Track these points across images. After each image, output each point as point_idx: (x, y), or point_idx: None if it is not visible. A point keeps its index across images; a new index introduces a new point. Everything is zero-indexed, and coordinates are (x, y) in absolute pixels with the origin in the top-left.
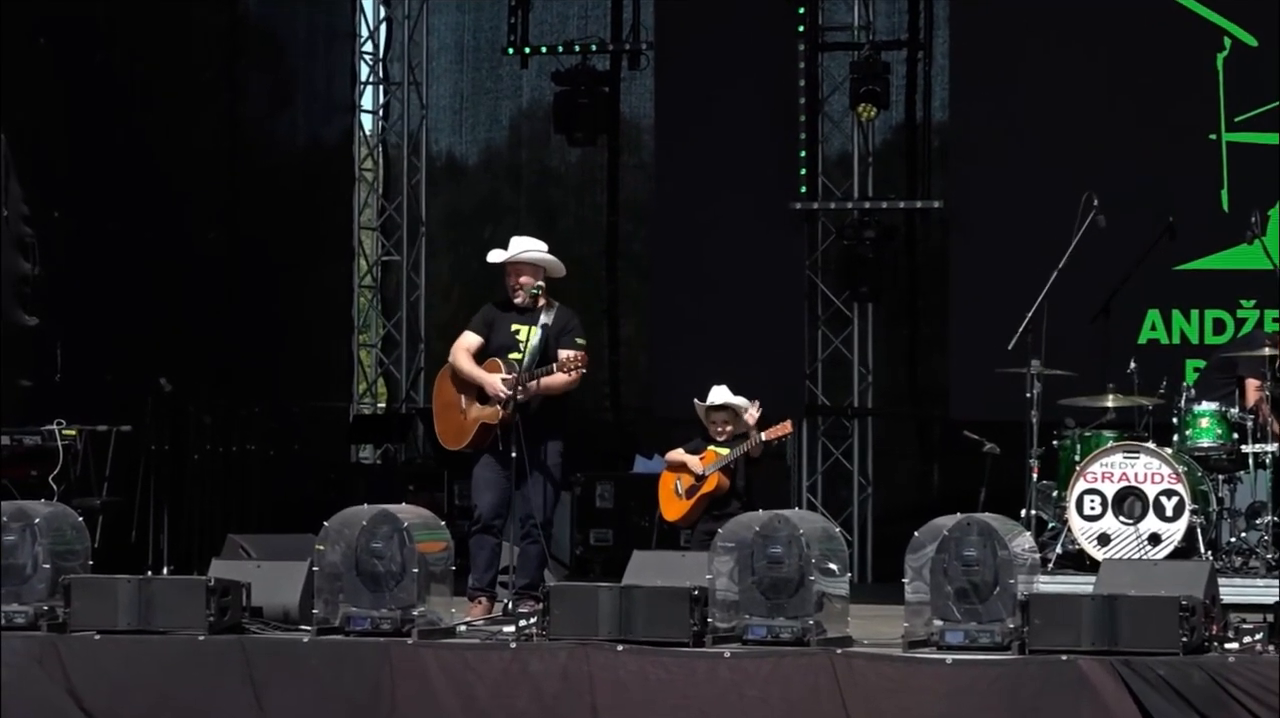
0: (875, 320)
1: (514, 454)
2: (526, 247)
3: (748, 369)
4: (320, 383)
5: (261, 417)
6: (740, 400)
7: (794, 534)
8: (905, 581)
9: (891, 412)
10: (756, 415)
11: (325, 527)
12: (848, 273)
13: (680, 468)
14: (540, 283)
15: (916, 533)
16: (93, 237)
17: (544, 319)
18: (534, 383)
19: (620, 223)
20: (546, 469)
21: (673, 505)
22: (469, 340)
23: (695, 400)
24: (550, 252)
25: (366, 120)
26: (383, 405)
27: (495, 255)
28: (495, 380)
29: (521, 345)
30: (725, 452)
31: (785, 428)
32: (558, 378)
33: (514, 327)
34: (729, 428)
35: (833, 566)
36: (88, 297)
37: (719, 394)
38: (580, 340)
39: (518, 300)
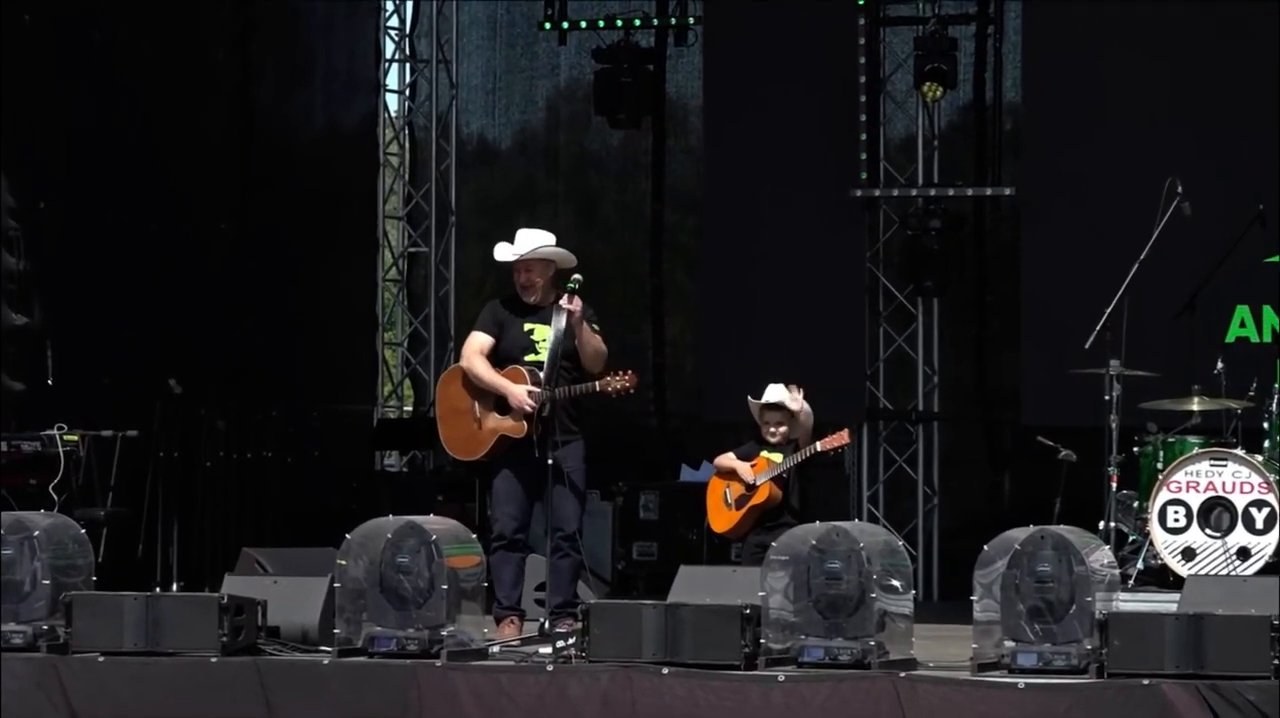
0: (941, 317)
1: (549, 462)
2: (538, 241)
3: (803, 370)
4: (342, 385)
5: (278, 421)
6: (798, 404)
7: (853, 548)
8: (974, 598)
9: (959, 416)
10: (799, 398)
11: (347, 540)
12: (911, 265)
13: (730, 475)
14: (578, 276)
15: (986, 547)
16: (90, 229)
17: (558, 321)
18: (565, 394)
19: (665, 212)
20: (571, 476)
21: (721, 516)
22: (481, 341)
23: (749, 398)
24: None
25: (391, 101)
26: (409, 409)
27: (503, 252)
28: (522, 394)
29: (538, 346)
30: (779, 458)
31: (842, 438)
32: (591, 386)
33: (527, 326)
34: (782, 429)
35: (895, 582)
36: (85, 293)
37: (775, 392)
38: (596, 326)
39: (531, 299)
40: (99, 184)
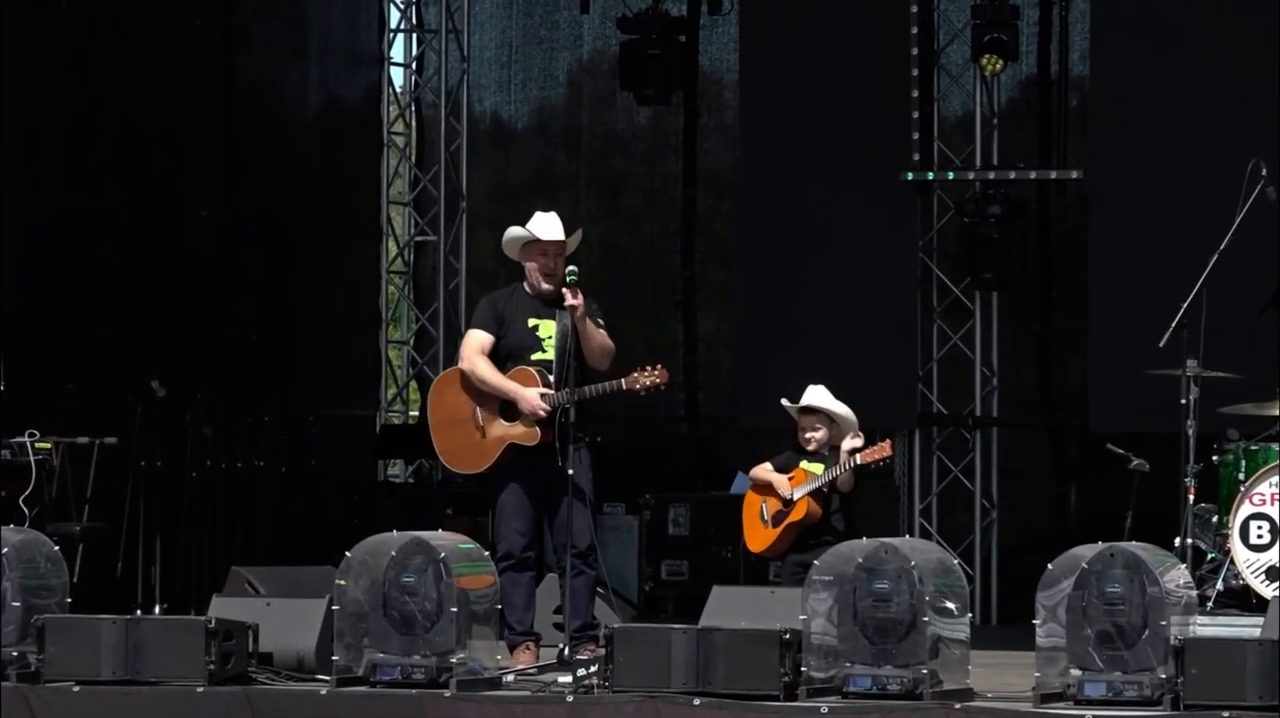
0: (1001, 313)
1: (570, 472)
2: (556, 226)
3: (849, 370)
4: (342, 387)
5: (272, 427)
6: (840, 409)
7: (904, 567)
8: (1036, 622)
9: (1020, 421)
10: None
11: (347, 558)
12: (969, 256)
13: (766, 489)
14: (574, 268)
15: (1050, 566)
16: (56, 217)
17: (564, 316)
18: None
19: (698, 197)
20: (582, 486)
21: (757, 534)
22: (481, 340)
23: (784, 401)
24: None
25: (397, 75)
26: (415, 414)
27: (545, 227)
28: (534, 398)
29: (545, 344)
30: (819, 469)
31: (883, 449)
32: (617, 383)
33: (532, 321)
34: (818, 435)
35: (950, 604)
36: (56, 288)
37: (815, 395)
38: (600, 321)
39: (546, 287)
40: (67, 168)
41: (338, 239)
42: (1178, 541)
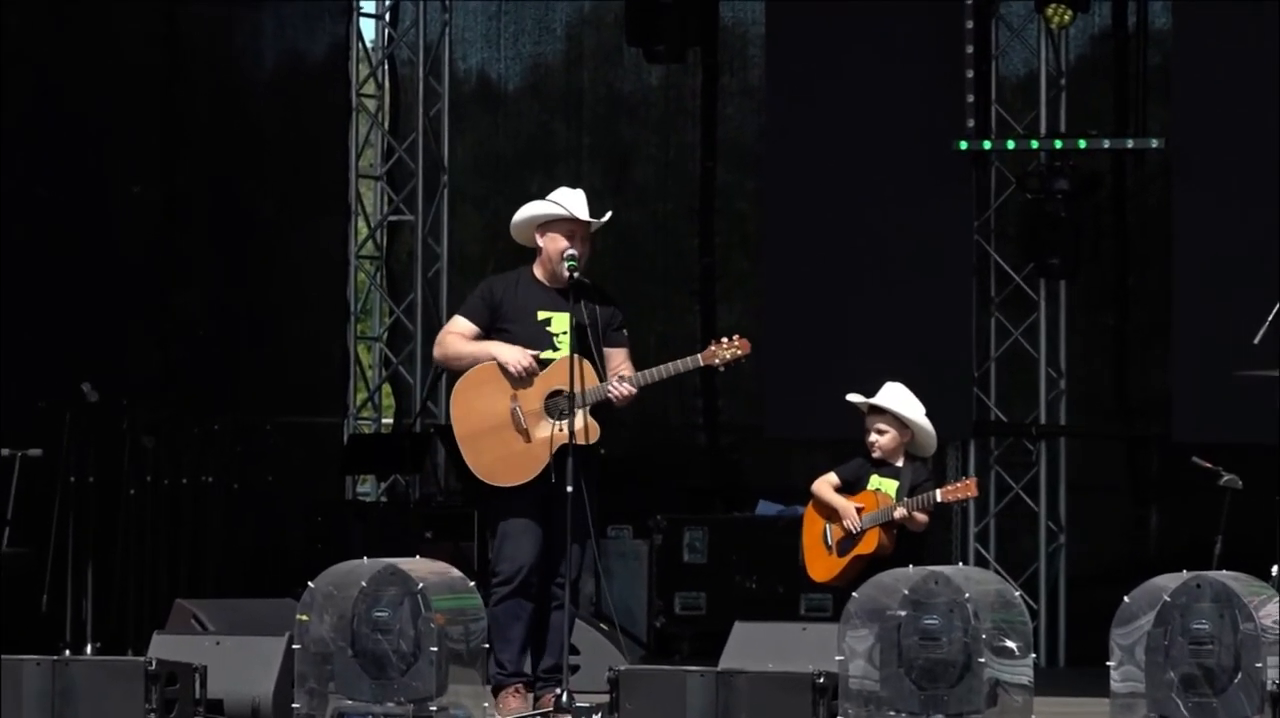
0: (1070, 304)
1: (568, 488)
2: (584, 204)
3: (893, 371)
4: (303, 391)
5: (221, 437)
6: (915, 415)
7: (957, 600)
8: (1111, 664)
9: (1092, 431)
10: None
11: (310, 589)
12: (1032, 238)
13: (829, 513)
14: (574, 251)
15: (1127, 598)
16: None
17: (583, 313)
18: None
19: (718, 171)
20: (591, 505)
21: (820, 560)
22: (462, 328)
23: (850, 397)
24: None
25: (368, 29)
26: (389, 422)
27: (570, 202)
28: (519, 354)
29: (557, 340)
30: (891, 489)
31: (968, 489)
32: (686, 362)
33: (541, 314)
34: (882, 440)
35: (1010, 643)
36: None
37: (889, 394)
38: (625, 332)
39: (565, 271)
40: None
41: (298, 219)
42: (1275, 569)
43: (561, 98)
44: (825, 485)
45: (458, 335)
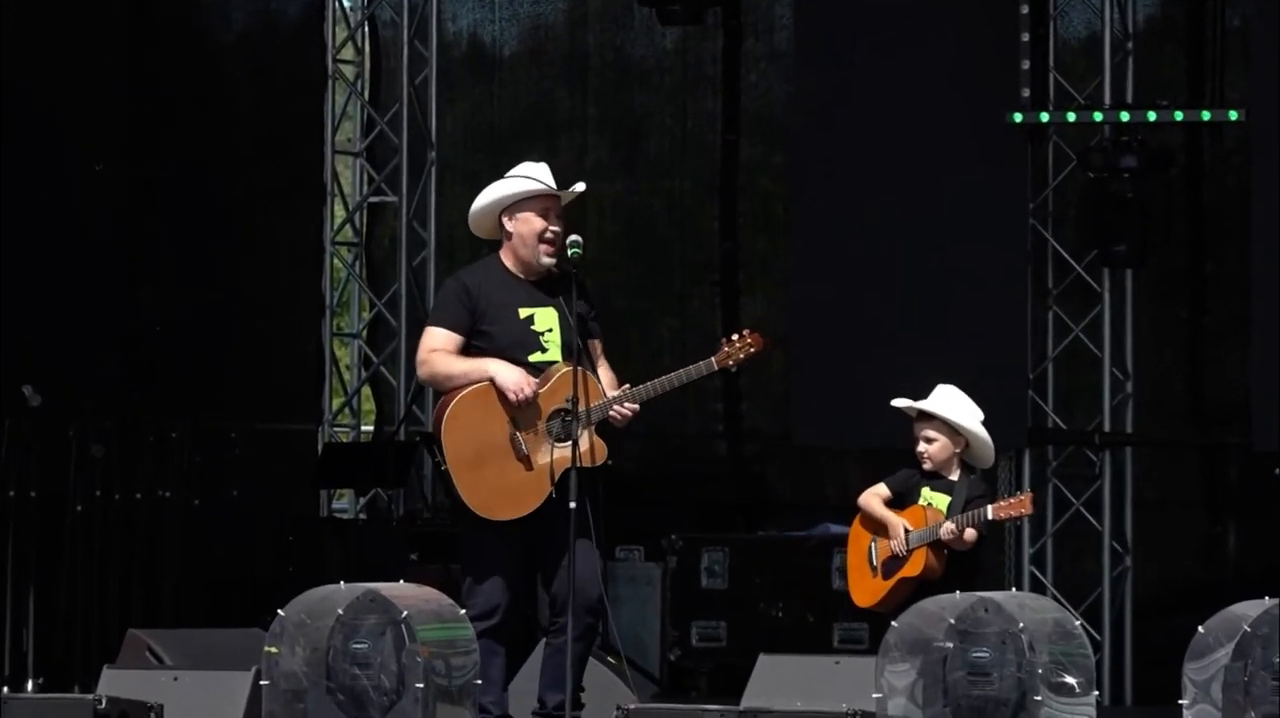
0: (1138, 296)
1: (571, 504)
2: (543, 173)
3: (937, 372)
4: (273, 394)
5: (181, 446)
6: (968, 421)
7: (1010, 630)
8: (1183, 703)
9: (1163, 439)
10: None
11: (280, 617)
12: (1095, 222)
13: (877, 530)
14: (578, 237)
15: (1201, 628)
16: None
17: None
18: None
19: (741, 145)
20: (597, 527)
21: (864, 583)
22: (443, 341)
23: (897, 401)
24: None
25: None
26: (369, 429)
27: (535, 174)
28: (518, 377)
29: (545, 340)
30: (943, 503)
31: (1023, 506)
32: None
33: (523, 310)
34: (931, 449)
35: (1070, 679)
36: None
37: (939, 398)
38: (597, 320)
39: (547, 261)
40: None
41: (268, 201)
42: None
43: (564, 63)
44: (874, 499)
45: (443, 353)
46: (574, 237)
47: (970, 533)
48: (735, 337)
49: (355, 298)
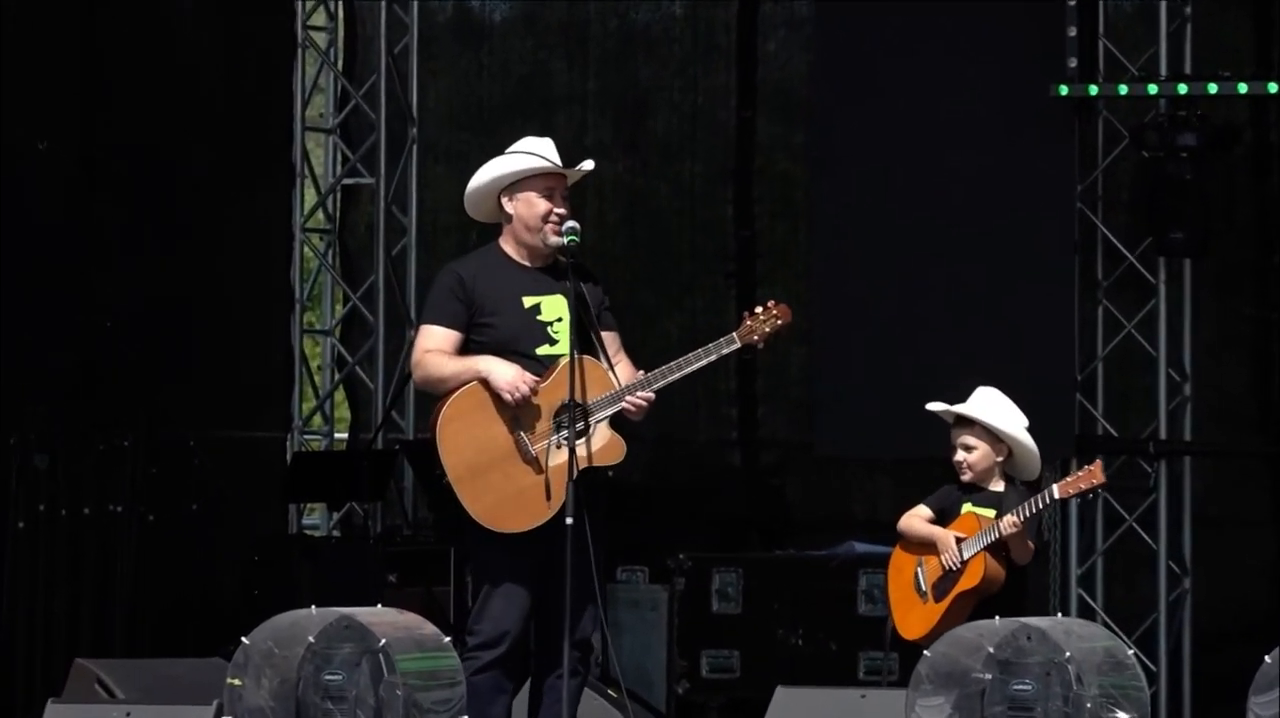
0: (1197, 288)
1: (567, 520)
2: (554, 153)
3: (977, 372)
4: (237, 398)
5: (134, 456)
6: (1011, 427)
7: (1055, 660)
8: None
9: (1226, 448)
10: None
11: (244, 646)
12: (1151, 207)
13: (922, 547)
14: (574, 224)
15: (1268, 658)
16: None
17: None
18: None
19: (758, 121)
20: (599, 548)
21: (913, 612)
22: (439, 339)
23: (933, 405)
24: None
25: None
26: (343, 436)
27: (538, 150)
28: (513, 374)
29: (551, 331)
30: (991, 515)
31: (1092, 475)
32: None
33: (528, 300)
34: (970, 458)
35: (1122, 715)
36: None
37: (979, 401)
38: (611, 311)
39: (554, 240)
40: None
41: (231, 183)
42: None
43: (561, 31)
44: (915, 519)
45: (438, 353)
46: (571, 223)
47: (1021, 543)
48: (759, 309)
49: (328, 290)
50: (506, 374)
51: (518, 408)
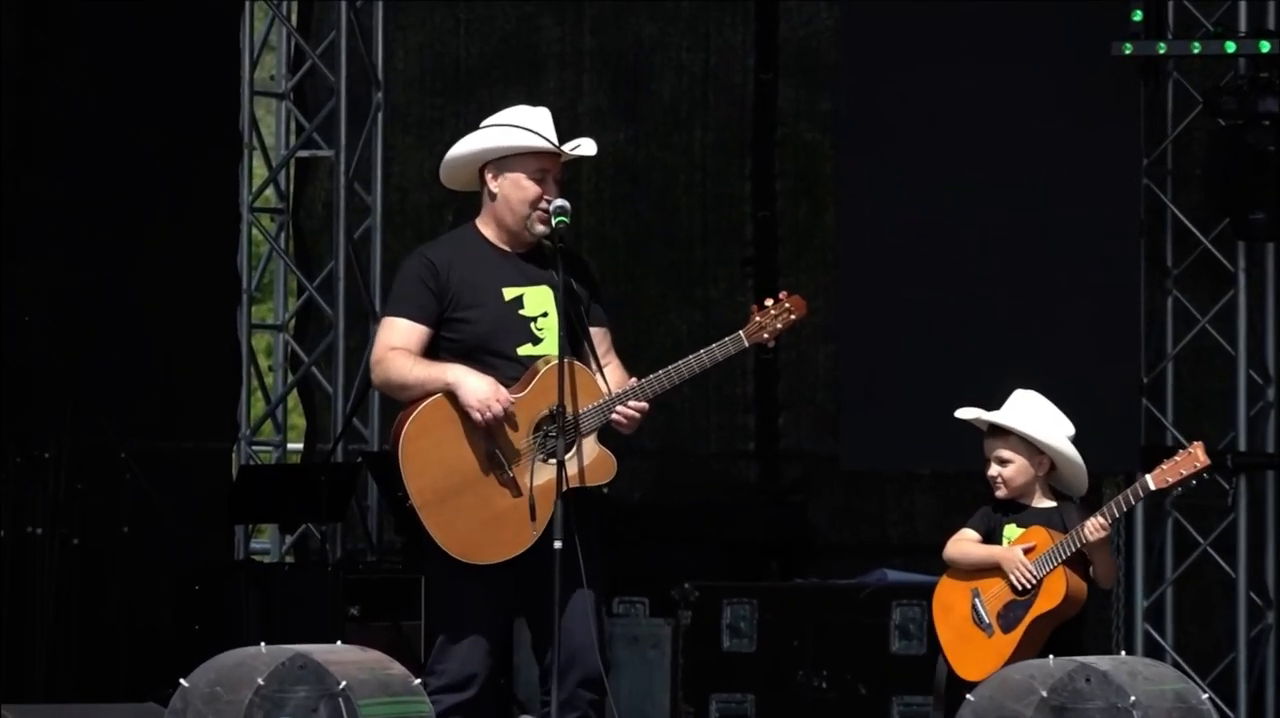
0: None
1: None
2: (550, 126)
3: (1025, 375)
4: (175, 403)
5: (56, 470)
6: (1049, 435)
7: (1118, 705)
8: None
9: None
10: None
11: (183, 688)
12: (1228, 183)
13: (979, 571)
14: (564, 202)
15: None
16: None
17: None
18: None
19: (779, 87)
20: (594, 572)
21: (977, 650)
22: (404, 333)
23: (962, 412)
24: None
25: None
26: (298, 447)
27: (527, 124)
28: (484, 388)
29: (536, 328)
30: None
31: (1194, 458)
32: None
33: (509, 291)
34: (1005, 473)
35: None
36: None
37: (1019, 410)
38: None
39: (541, 228)
40: None
41: (170, 156)
42: None
43: None
44: (966, 543)
45: (403, 353)
46: (559, 201)
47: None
48: (770, 302)
49: (280, 279)
50: (478, 390)
51: (490, 429)
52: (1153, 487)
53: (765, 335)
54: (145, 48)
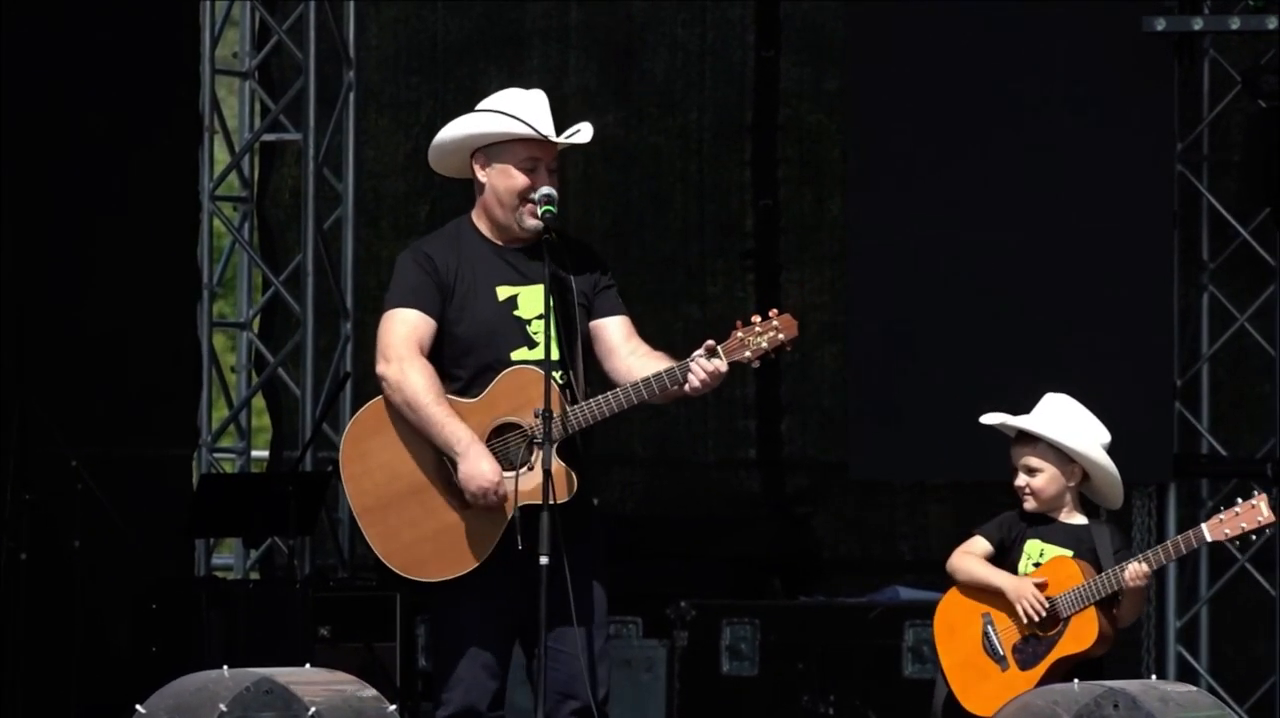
0: None
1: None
2: (547, 113)
3: (1050, 377)
4: (130, 407)
5: (3, 478)
6: (1082, 443)
7: None
8: None
9: None
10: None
11: (139, 715)
12: (1268, 171)
13: (988, 594)
14: (551, 190)
15: None
16: None
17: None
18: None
19: (782, 66)
20: (594, 594)
21: (986, 682)
22: (415, 326)
23: (987, 417)
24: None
25: None
26: (263, 454)
27: (519, 112)
28: (484, 471)
29: (530, 329)
30: (1067, 555)
31: (1257, 512)
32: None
33: (503, 290)
34: (1035, 483)
35: None
36: None
37: (1048, 415)
38: (615, 290)
39: (532, 223)
40: None
41: (124, 139)
42: None
43: None
44: (971, 558)
45: (430, 376)
46: (544, 189)
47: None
48: (756, 319)
49: (244, 273)
50: (479, 478)
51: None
52: (1209, 538)
53: (748, 354)
54: (96, 22)
